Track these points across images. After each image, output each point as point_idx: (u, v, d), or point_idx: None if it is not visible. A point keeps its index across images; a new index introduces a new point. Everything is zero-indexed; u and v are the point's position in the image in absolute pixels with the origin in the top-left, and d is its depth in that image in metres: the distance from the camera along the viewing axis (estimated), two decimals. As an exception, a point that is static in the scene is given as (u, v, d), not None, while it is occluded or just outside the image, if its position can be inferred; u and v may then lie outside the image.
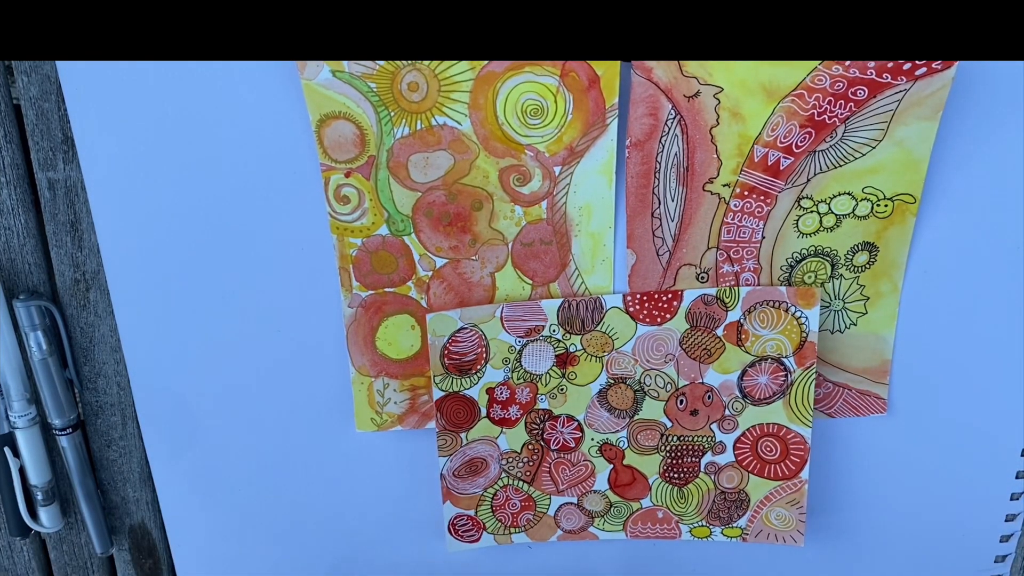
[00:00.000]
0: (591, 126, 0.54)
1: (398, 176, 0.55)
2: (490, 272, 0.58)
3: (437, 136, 0.54)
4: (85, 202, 0.58)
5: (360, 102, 0.52)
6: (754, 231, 0.57)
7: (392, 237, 0.57)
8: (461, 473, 0.64)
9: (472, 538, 0.67)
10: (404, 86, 0.52)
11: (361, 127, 0.53)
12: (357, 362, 0.61)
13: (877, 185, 0.56)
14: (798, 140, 0.54)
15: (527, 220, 0.57)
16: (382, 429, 0.63)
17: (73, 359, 0.63)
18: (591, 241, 0.58)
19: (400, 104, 0.53)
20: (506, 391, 0.62)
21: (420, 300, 0.59)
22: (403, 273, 0.58)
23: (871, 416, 0.64)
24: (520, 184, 0.56)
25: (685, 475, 0.64)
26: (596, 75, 0.52)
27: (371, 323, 0.60)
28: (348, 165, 0.55)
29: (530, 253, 0.58)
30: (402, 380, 0.61)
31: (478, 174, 0.55)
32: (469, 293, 0.59)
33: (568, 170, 0.55)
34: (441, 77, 0.52)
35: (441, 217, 0.56)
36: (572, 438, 0.63)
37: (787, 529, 0.65)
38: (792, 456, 0.62)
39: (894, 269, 0.59)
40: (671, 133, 0.54)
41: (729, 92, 0.53)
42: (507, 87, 0.52)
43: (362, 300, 0.59)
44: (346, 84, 0.52)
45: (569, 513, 0.66)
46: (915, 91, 0.52)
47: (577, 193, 0.56)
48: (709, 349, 0.60)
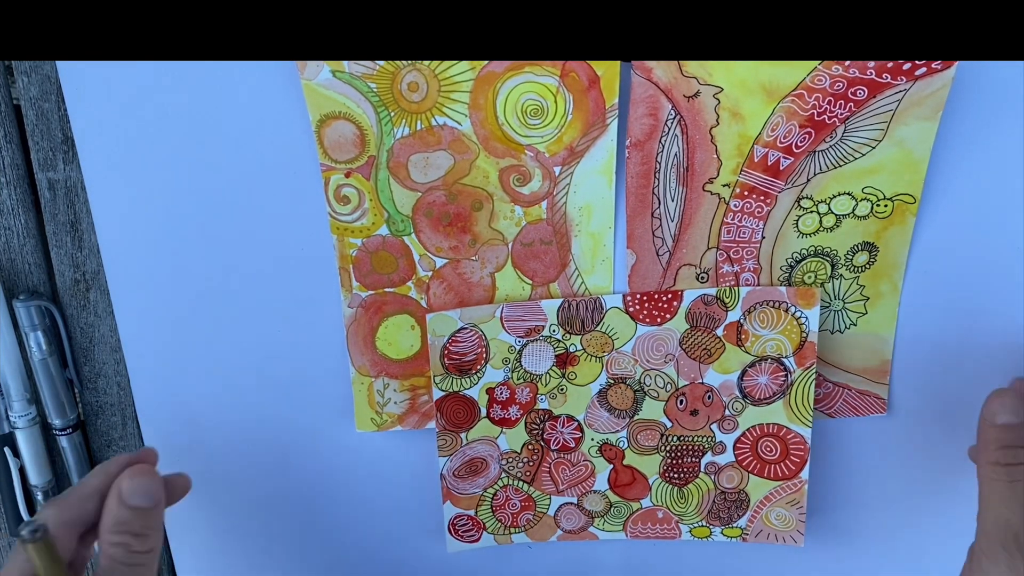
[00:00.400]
0: (591, 126, 0.54)
1: (398, 176, 0.55)
2: (490, 272, 0.58)
3: (437, 136, 0.54)
4: (85, 202, 0.58)
5: (360, 102, 0.52)
6: (754, 231, 0.57)
7: (392, 237, 0.57)
8: (461, 473, 0.64)
9: (472, 538, 0.67)
10: (404, 86, 0.52)
11: (361, 127, 0.53)
12: (357, 362, 0.61)
13: (877, 185, 0.56)
14: (798, 140, 0.54)
15: (527, 220, 0.57)
16: (382, 429, 0.63)
17: (73, 359, 0.63)
18: (591, 241, 0.58)
19: (400, 104, 0.53)
20: (506, 391, 0.62)
21: (420, 300, 0.59)
22: (403, 273, 0.58)
23: (871, 416, 0.63)
24: (520, 184, 0.56)
25: (685, 475, 0.64)
26: (596, 75, 0.52)
27: (371, 323, 0.60)
28: (348, 165, 0.55)
29: (530, 253, 0.58)
30: (402, 380, 0.61)
31: (478, 174, 0.55)
32: (469, 293, 0.59)
33: (568, 170, 0.55)
34: (441, 77, 0.52)
35: (441, 217, 0.56)
36: (572, 438, 0.63)
37: (787, 529, 0.65)
38: (792, 456, 0.62)
39: (894, 269, 0.59)
40: (671, 133, 0.54)
41: (729, 92, 0.53)
42: (507, 87, 0.52)
43: (362, 300, 0.59)
44: (346, 84, 0.52)
45: (569, 513, 0.66)
46: (915, 91, 0.52)
47: (577, 193, 0.56)
48: (709, 349, 0.60)
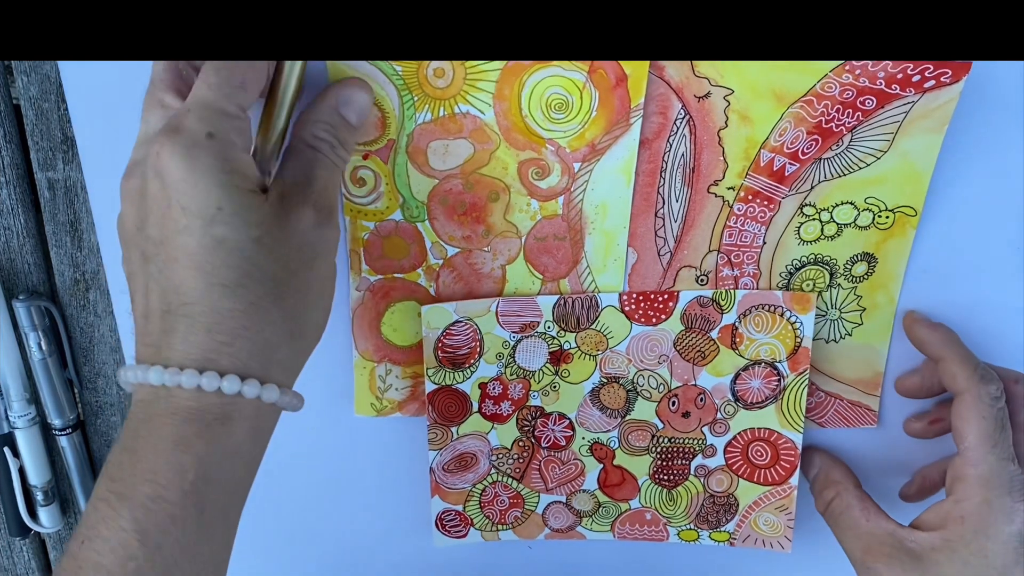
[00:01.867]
0: (615, 124, 0.54)
1: (416, 162, 0.55)
2: (501, 264, 0.58)
3: (459, 124, 0.54)
4: (85, 202, 0.58)
5: (385, 84, 0.52)
6: (756, 236, 0.58)
7: (405, 223, 0.57)
8: (450, 467, 0.64)
9: (459, 534, 0.67)
10: (430, 72, 0.52)
11: (383, 110, 0.53)
12: (361, 346, 0.61)
13: (880, 196, 0.57)
14: (804, 147, 0.55)
15: (542, 215, 0.57)
16: (381, 415, 0.63)
17: (73, 359, 0.63)
18: (604, 239, 0.58)
19: (424, 89, 0.53)
20: (499, 386, 0.62)
21: (429, 288, 0.59)
22: (414, 260, 0.58)
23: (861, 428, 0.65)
24: (538, 178, 0.56)
25: (675, 477, 0.65)
26: (624, 74, 0.53)
27: (378, 308, 0.59)
28: (366, 147, 0.55)
29: (543, 248, 0.58)
30: (405, 367, 0.61)
31: (497, 165, 0.55)
32: (479, 284, 0.59)
33: (588, 167, 0.56)
34: (468, 66, 0.52)
35: (456, 206, 0.57)
36: (563, 436, 0.64)
37: (775, 535, 0.66)
38: (782, 461, 0.63)
39: (891, 281, 0.60)
40: (679, 133, 0.55)
41: (740, 95, 0.54)
42: (533, 80, 0.53)
43: (370, 284, 0.59)
44: (371, 65, 0.52)
45: (557, 512, 0.66)
46: (922, 103, 0.53)
47: (595, 191, 0.56)
48: (703, 351, 0.61)
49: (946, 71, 0.52)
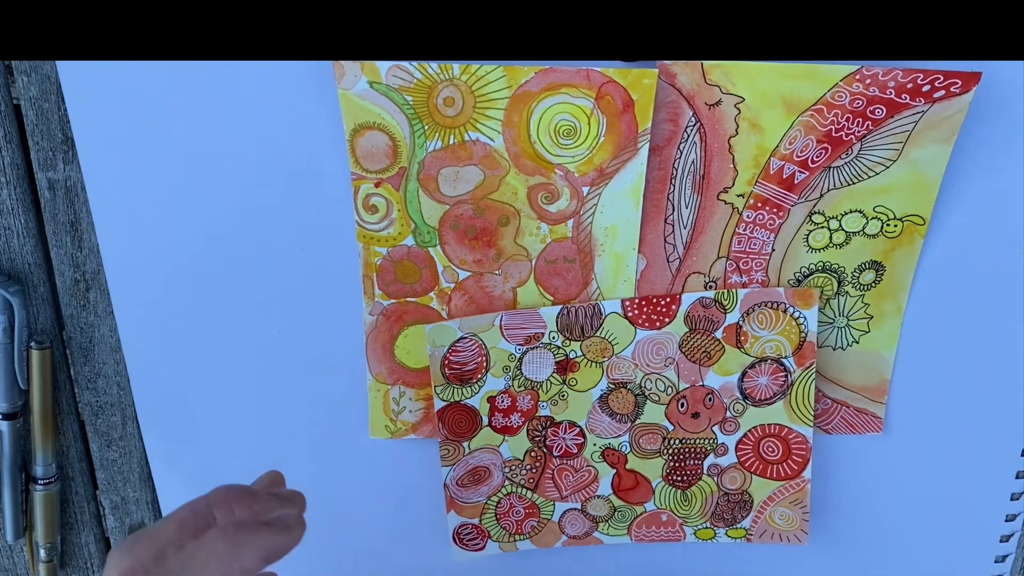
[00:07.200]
0: (622, 149, 0.54)
1: (427, 188, 0.55)
2: (512, 287, 0.59)
3: (469, 151, 0.54)
4: (85, 202, 0.58)
5: (395, 114, 0.52)
6: (764, 243, 0.58)
7: (417, 248, 0.57)
8: (464, 482, 0.64)
9: (477, 546, 0.67)
10: (440, 100, 0.52)
11: (394, 138, 0.53)
12: (375, 369, 0.61)
13: (888, 205, 0.57)
14: (814, 155, 0.55)
15: (552, 238, 0.57)
16: (396, 437, 0.63)
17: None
18: (614, 261, 0.58)
19: (435, 118, 0.53)
20: (507, 399, 0.62)
21: (441, 311, 0.59)
22: (426, 284, 0.58)
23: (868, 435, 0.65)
24: (548, 202, 0.56)
25: (688, 478, 0.65)
26: (631, 99, 0.52)
27: (391, 331, 0.60)
28: (379, 175, 0.54)
29: (553, 270, 0.58)
30: (418, 389, 0.62)
31: (507, 190, 0.55)
32: (490, 306, 0.59)
33: (596, 191, 0.56)
34: (477, 94, 0.52)
35: (467, 231, 0.57)
36: (574, 444, 0.64)
37: (791, 529, 0.66)
38: (794, 456, 0.64)
39: (899, 289, 0.60)
40: (690, 140, 0.55)
41: (750, 102, 0.54)
42: (542, 107, 0.53)
43: (384, 308, 0.59)
44: (382, 96, 0.52)
45: (573, 519, 0.67)
46: (932, 113, 0.53)
47: (604, 214, 0.56)
48: (709, 352, 0.61)
49: (956, 81, 0.52)
